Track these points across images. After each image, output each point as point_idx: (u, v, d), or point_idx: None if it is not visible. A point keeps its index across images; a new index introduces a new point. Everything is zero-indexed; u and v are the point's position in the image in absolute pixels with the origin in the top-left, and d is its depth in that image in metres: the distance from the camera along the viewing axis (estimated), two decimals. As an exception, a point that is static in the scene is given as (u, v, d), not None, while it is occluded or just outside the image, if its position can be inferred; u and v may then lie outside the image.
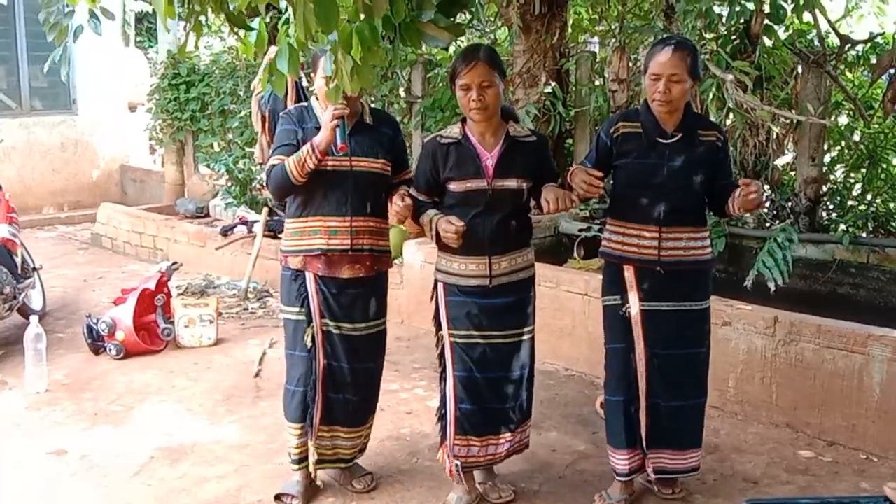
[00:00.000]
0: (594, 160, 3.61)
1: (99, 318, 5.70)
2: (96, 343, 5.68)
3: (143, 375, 5.35)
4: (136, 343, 5.64)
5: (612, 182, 3.73)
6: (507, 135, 3.54)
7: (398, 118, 8.12)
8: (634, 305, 3.56)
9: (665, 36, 4.22)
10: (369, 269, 3.69)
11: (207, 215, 9.17)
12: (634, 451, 3.66)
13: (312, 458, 3.73)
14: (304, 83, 7.68)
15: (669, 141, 3.51)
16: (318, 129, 3.52)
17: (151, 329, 5.82)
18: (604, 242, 3.69)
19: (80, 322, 5.99)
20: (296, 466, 3.79)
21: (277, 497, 3.78)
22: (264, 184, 3.69)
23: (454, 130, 3.58)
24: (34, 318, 5.27)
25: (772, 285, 5.31)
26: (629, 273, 3.56)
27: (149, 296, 5.83)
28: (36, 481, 4.01)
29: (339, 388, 3.71)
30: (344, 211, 3.60)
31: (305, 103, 3.75)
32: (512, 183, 3.50)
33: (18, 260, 6.04)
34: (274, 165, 3.57)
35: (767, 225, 6.10)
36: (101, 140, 11.11)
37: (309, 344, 3.64)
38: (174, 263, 6.37)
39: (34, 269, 6.38)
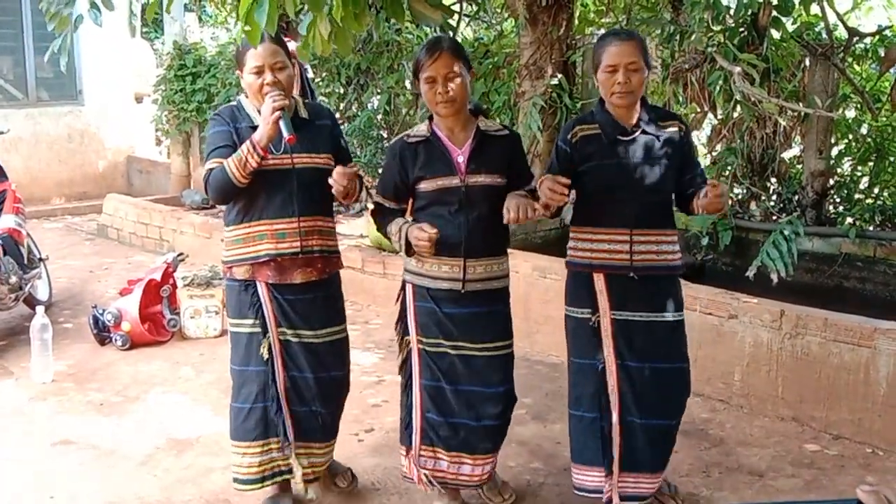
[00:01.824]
0: (556, 171, 3.35)
1: (105, 309, 5.71)
2: (102, 333, 5.69)
3: (148, 366, 5.36)
4: (141, 334, 5.65)
5: (573, 190, 3.44)
6: (478, 129, 3.36)
7: (404, 111, 8.15)
8: (605, 315, 3.35)
9: (608, 30, 4.12)
10: (321, 271, 3.50)
11: (213, 206, 9.17)
12: (608, 470, 3.41)
13: (298, 471, 3.53)
14: (310, 74, 7.70)
15: (630, 137, 3.35)
16: (253, 128, 3.32)
17: (157, 320, 5.84)
18: (569, 252, 3.49)
19: (86, 313, 6.00)
20: (249, 487, 3.53)
21: None
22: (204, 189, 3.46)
23: (421, 129, 3.40)
24: (40, 309, 5.28)
25: (774, 276, 5.29)
26: (599, 281, 3.36)
27: (155, 287, 5.84)
28: (41, 471, 4.02)
29: (304, 400, 3.51)
30: (291, 212, 3.38)
31: (234, 102, 3.54)
32: (486, 178, 3.32)
33: (25, 250, 6.05)
34: (211, 169, 3.33)
35: (774, 218, 6.08)
36: (107, 131, 11.11)
37: (266, 356, 3.43)
38: (180, 254, 6.38)
39: (40, 259, 6.40)
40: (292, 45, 3.47)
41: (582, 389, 3.45)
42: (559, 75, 6.86)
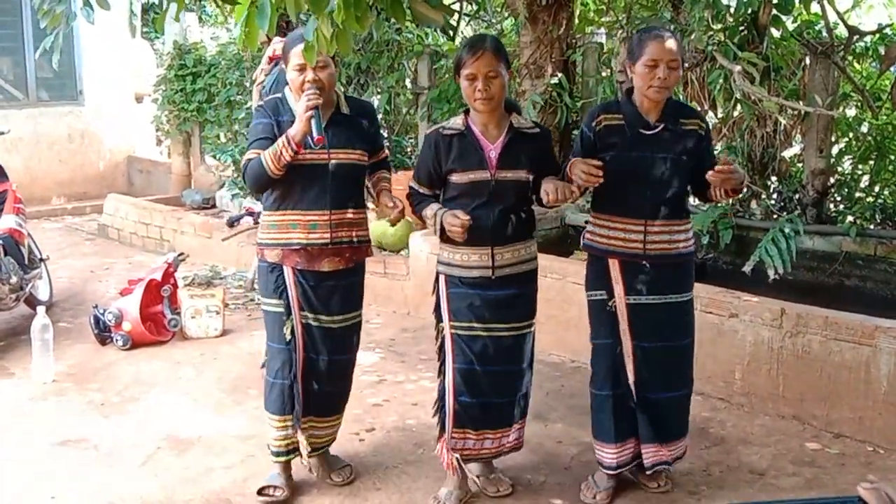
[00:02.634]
0: (579, 156, 3.54)
1: (106, 309, 5.71)
2: (103, 334, 5.69)
3: (149, 366, 5.36)
4: (142, 334, 5.65)
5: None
6: (511, 126, 3.51)
7: (404, 110, 8.14)
8: (620, 299, 3.56)
9: (647, 27, 4.19)
10: (349, 260, 3.67)
11: (214, 206, 9.17)
12: (623, 445, 3.66)
13: (305, 449, 3.72)
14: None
15: (653, 132, 3.49)
16: (294, 121, 3.46)
17: (158, 320, 5.83)
18: (587, 236, 3.68)
19: (86, 313, 6.00)
20: (276, 459, 3.75)
21: (261, 491, 3.71)
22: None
23: (457, 122, 3.54)
24: (41, 309, 5.29)
25: (771, 273, 5.29)
26: (614, 267, 3.56)
27: (155, 286, 5.84)
28: (42, 471, 4.03)
29: (317, 380, 3.69)
30: (323, 205, 3.55)
31: (279, 95, 3.68)
32: (515, 174, 3.48)
33: (25, 250, 6.05)
34: (250, 160, 3.50)
35: (775, 217, 6.08)
36: (107, 131, 11.10)
37: (288, 336, 3.61)
38: (181, 254, 6.39)
39: (41, 259, 6.39)
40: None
41: (598, 368, 3.69)
42: (559, 74, 6.86)
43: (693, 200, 4.09)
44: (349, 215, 3.62)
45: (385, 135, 8.35)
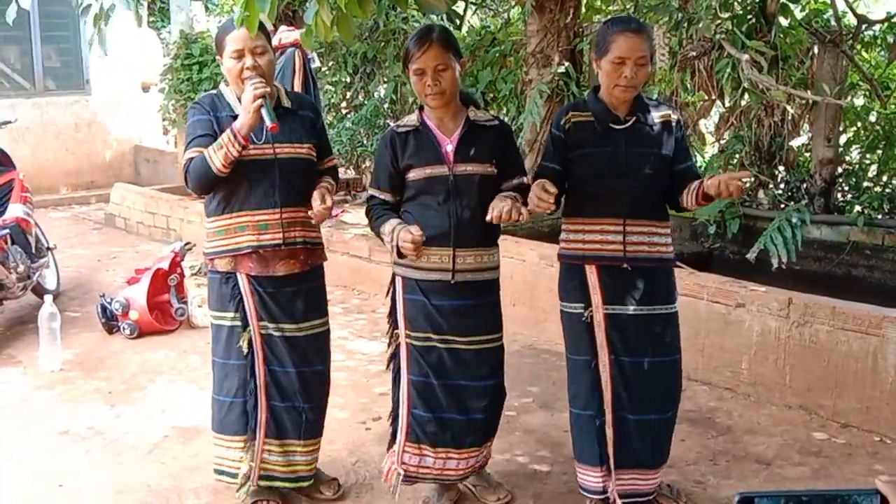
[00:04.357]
0: (552, 157, 3.36)
1: (113, 298, 5.73)
2: (110, 322, 5.71)
3: (156, 355, 5.37)
4: (149, 322, 5.67)
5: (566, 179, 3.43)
6: (467, 119, 3.32)
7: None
8: (598, 309, 3.30)
9: (616, 17, 4.04)
10: (304, 263, 3.43)
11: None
12: (607, 468, 3.38)
13: (255, 474, 3.44)
14: (316, 63, 7.69)
15: (623, 126, 3.30)
16: (234, 117, 3.24)
17: (165, 309, 5.85)
18: (561, 244, 3.42)
19: (93, 302, 6.02)
20: (234, 480, 3.48)
21: None
22: (184, 179, 3.38)
23: (411, 118, 3.38)
24: (48, 298, 5.30)
25: (775, 261, 5.27)
26: (592, 274, 3.30)
27: (162, 276, 5.85)
28: (50, 460, 4.04)
29: (285, 396, 3.44)
30: (273, 203, 3.30)
31: (215, 91, 3.46)
32: (474, 168, 3.29)
33: (33, 239, 6.06)
34: (191, 159, 3.25)
35: (782, 206, 6.07)
36: (114, 120, 11.12)
37: (245, 349, 3.37)
38: (187, 243, 6.39)
39: (48, 248, 6.41)
40: (297, 34, 3.45)
41: (578, 387, 3.42)
42: (566, 63, 6.84)
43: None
44: (301, 214, 3.37)
45: (391, 124, 8.35)
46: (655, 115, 3.34)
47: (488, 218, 3.15)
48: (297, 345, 3.44)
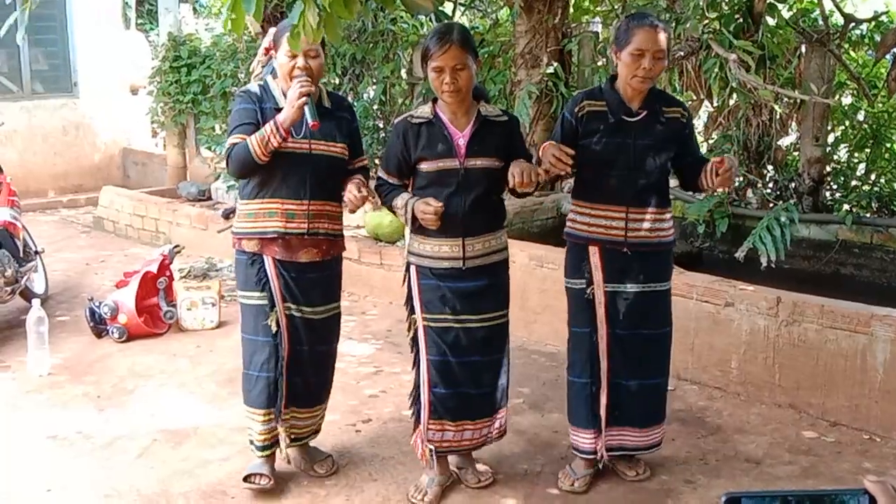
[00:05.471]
0: (559, 139, 3.55)
1: (101, 302, 5.70)
2: (98, 326, 5.68)
3: (145, 358, 5.35)
4: (138, 326, 5.65)
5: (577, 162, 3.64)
6: (479, 114, 3.50)
7: (400, 101, 8.12)
8: (599, 287, 3.56)
9: (637, 13, 4.16)
10: (325, 252, 3.66)
11: (209, 198, 9.15)
12: (598, 430, 3.66)
13: (284, 441, 3.71)
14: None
15: (635, 119, 3.50)
16: (278, 109, 3.46)
17: (154, 312, 5.83)
18: (568, 224, 3.67)
19: (82, 305, 5.99)
20: (261, 453, 3.73)
21: (247, 478, 3.70)
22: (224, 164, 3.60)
23: (425, 110, 3.53)
24: (36, 302, 5.27)
25: (763, 260, 5.29)
26: (594, 254, 3.56)
27: (151, 279, 5.83)
28: (38, 464, 4.02)
29: (300, 371, 3.68)
30: (302, 194, 3.54)
31: (262, 82, 3.66)
32: (484, 162, 3.46)
33: (20, 243, 6.04)
34: (234, 144, 3.47)
35: (771, 205, 6.07)
36: (102, 123, 11.08)
37: (274, 328, 3.59)
38: (176, 246, 6.37)
39: (36, 252, 6.38)
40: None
41: (576, 356, 3.70)
42: (555, 64, 6.85)
43: (674, 187, 4.06)
44: (326, 207, 3.62)
45: (381, 126, 8.35)
46: (667, 111, 3.55)
47: (511, 184, 3.38)
48: (313, 326, 3.68)
